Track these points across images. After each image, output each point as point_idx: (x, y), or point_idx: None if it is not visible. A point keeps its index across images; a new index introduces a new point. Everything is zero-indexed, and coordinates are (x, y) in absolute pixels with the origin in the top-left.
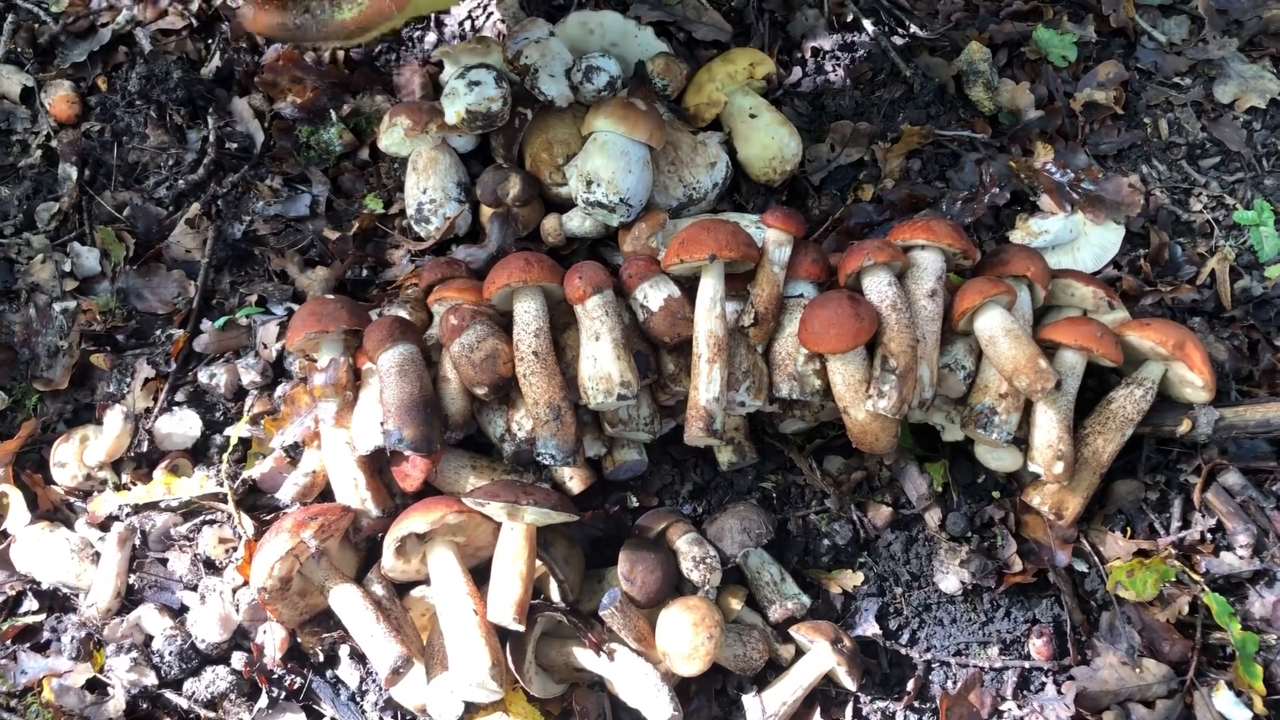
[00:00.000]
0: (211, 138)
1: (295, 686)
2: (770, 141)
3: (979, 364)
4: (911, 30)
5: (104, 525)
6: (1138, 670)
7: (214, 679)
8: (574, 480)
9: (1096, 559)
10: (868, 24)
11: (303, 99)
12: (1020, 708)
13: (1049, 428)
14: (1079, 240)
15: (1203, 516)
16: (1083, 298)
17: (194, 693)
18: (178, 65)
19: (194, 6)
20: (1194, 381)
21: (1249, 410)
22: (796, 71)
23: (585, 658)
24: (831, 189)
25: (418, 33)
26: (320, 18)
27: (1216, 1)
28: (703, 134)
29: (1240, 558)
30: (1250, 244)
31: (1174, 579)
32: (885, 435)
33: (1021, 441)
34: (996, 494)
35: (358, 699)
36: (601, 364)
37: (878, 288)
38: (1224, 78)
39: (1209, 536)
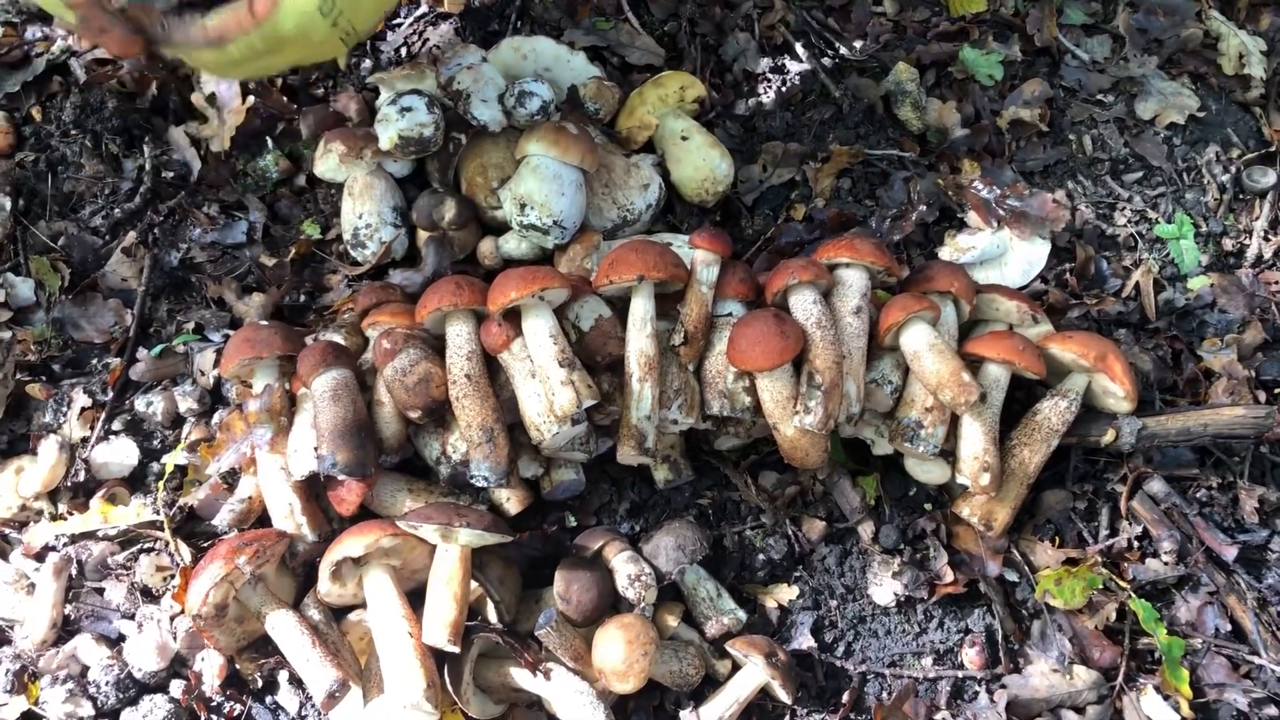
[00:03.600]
0: (148, 166)
1: (235, 713)
2: (702, 163)
3: (905, 379)
4: (841, 52)
5: (40, 556)
6: (1069, 677)
7: (152, 708)
8: (511, 501)
9: (1027, 568)
10: (798, 47)
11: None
12: (954, 717)
13: (975, 440)
14: (1006, 255)
15: (1129, 524)
16: (1007, 312)
17: None
18: (113, 95)
19: None
20: (1116, 392)
21: (1170, 419)
22: (728, 94)
23: (522, 678)
24: (764, 209)
25: (355, 59)
26: (176, 26)
27: (1136, 21)
28: (636, 156)
29: (1165, 564)
30: (1172, 257)
31: (1102, 586)
32: (814, 450)
33: (949, 454)
34: (928, 506)
35: None
36: (550, 394)
37: (803, 306)
38: (1145, 94)
39: (1135, 544)
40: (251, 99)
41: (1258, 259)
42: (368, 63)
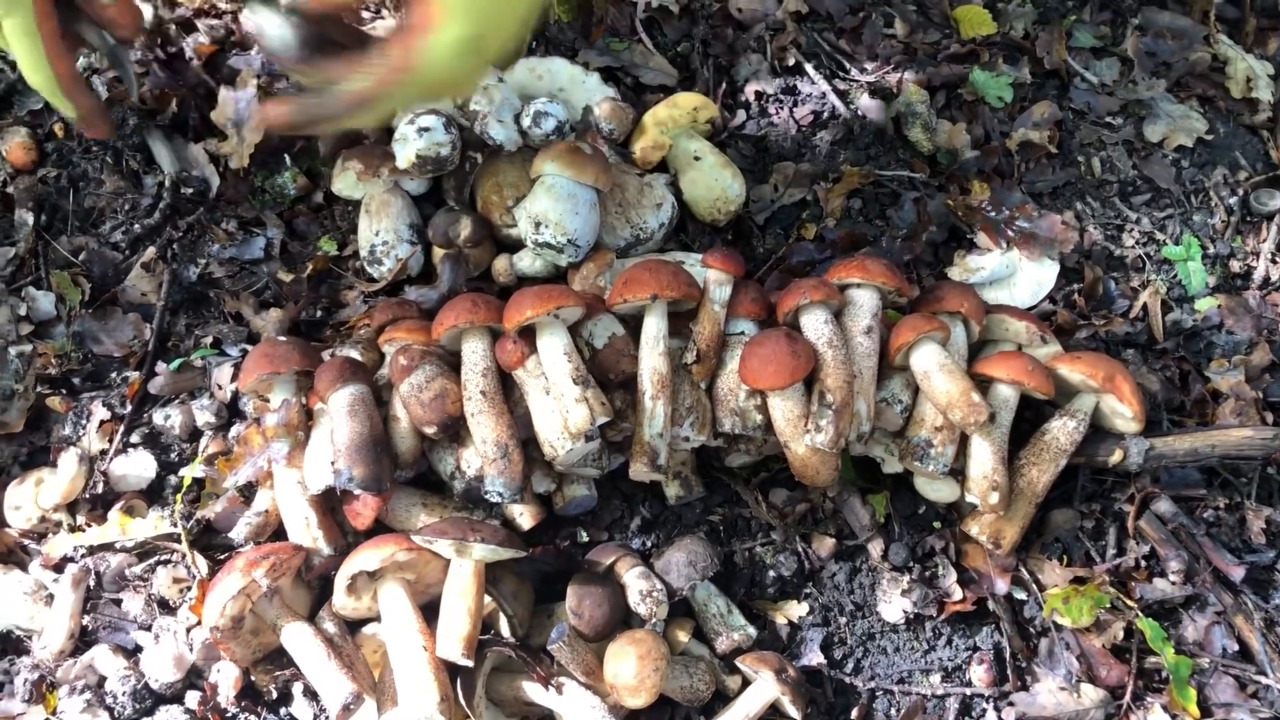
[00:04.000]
0: (167, 183)
1: None
2: (715, 183)
3: (915, 398)
4: (851, 73)
5: (59, 567)
6: (1076, 695)
7: (168, 719)
8: (524, 516)
9: (1035, 587)
10: (810, 68)
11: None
12: None
13: (984, 459)
14: (1015, 276)
15: (1137, 544)
16: (1016, 332)
17: None
18: (133, 112)
19: (150, 56)
20: (1124, 413)
21: (1178, 440)
22: (740, 114)
23: (534, 692)
24: (775, 228)
25: None
26: (331, 93)
27: (1145, 44)
28: (649, 176)
29: (1173, 584)
30: (1179, 278)
31: (1109, 605)
32: (825, 468)
33: (959, 473)
34: (937, 524)
35: None
36: (564, 411)
37: (814, 325)
38: (1153, 117)
39: (1143, 563)
40: None
41: (1265, 281)
42: None
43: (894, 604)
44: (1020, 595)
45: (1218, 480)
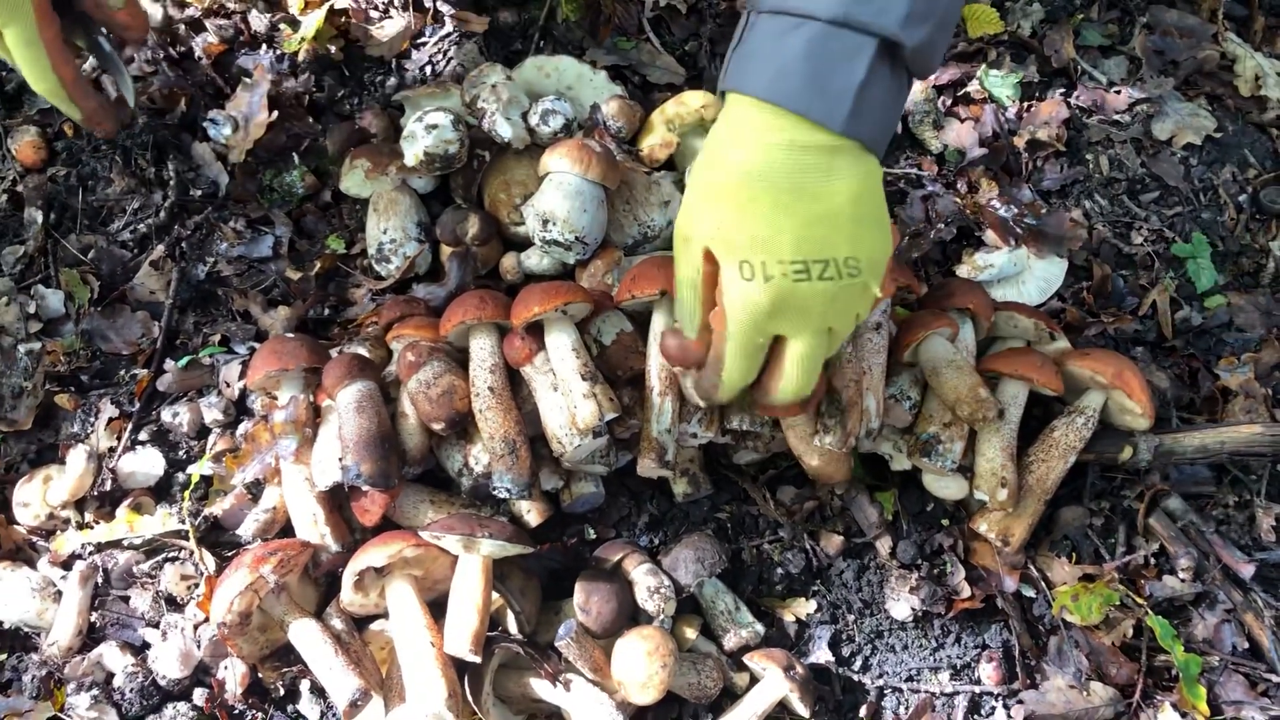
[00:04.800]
0: (173, 181)
1: None
2: None
3: (924, 395)
4: None
5: (66, 564)
6: (1085, 693)
7: (175, 715)
8: (531, 513)
9: (1044, 584)
10: None
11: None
12: None
13: (992, 456)
14: (1024, 274)
15: (1146, 541)
16: (1025, 329)
17: None
18: (142, 111)
19: (160, 55)
20: (1133, 409)
21: (1187, 436)
22: None
23: (542, 688)
24: None
25: (380, 77)
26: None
27: (1153, 42)
28: (657, 174)
29: (1182, 581)
30: (1188, 276)
31: (1118, 603)
32: (839, 470)
33: (967, 470)
34: (945, 521)
35: None
36: (572, 407)
37: None
38: (1162, 115)
39: (1152, 561)
40: (276, 114)
41: (1275, 278)
42: (393, 81)
43: (902, 601)
44: (1029, 593)
45: (1228, 477)
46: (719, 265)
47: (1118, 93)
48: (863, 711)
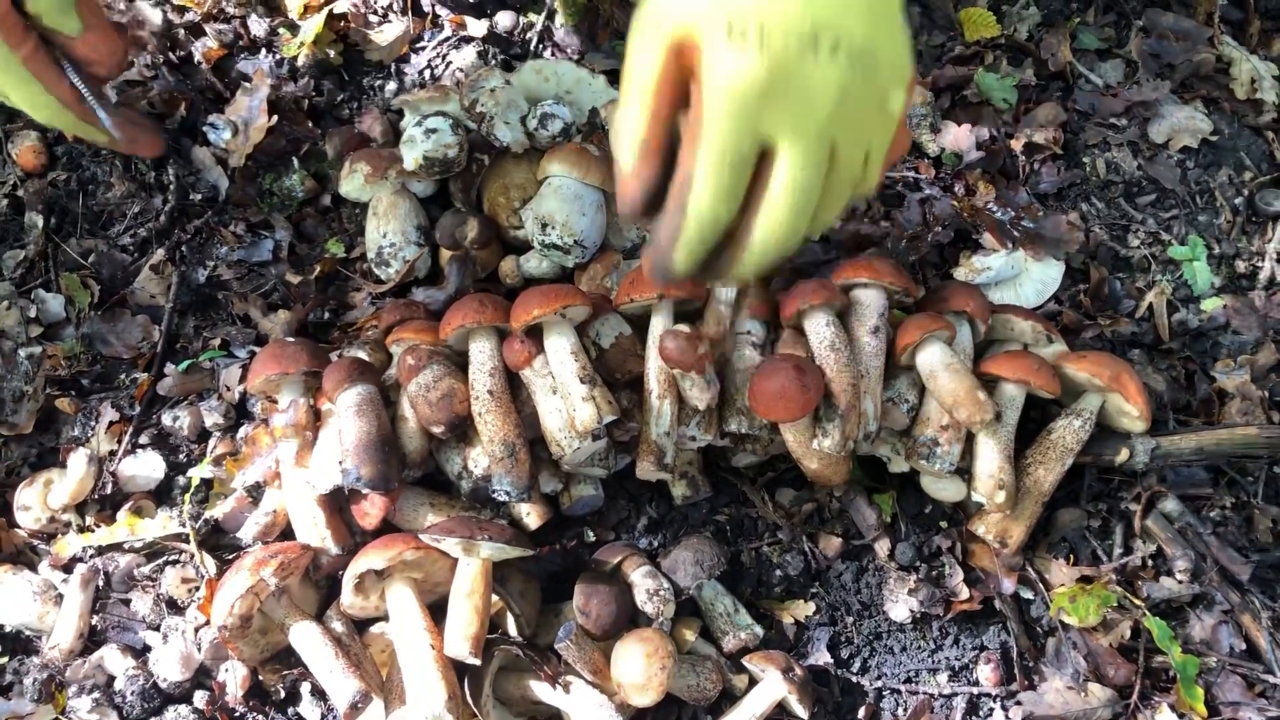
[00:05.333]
0: (173, 185)
1: None
2: None
3: (922, 398)
4: None
5: (68, 567)
6: (1083, 695)
7: (176, 718)
8: (531, 516)
9: (1042, 586)
10: None
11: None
12: None
13: (990, 458)
14: (1021, 276)
15: (1143, 543)
16: (1022, 332)
17: None
18: (143, 115)
19: (160, 60)
20: (1130, 411)
21: (1184, 438)
22: None
23: (541, 691)
24: None
25: (379, 81)
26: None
27: (1149, 46)
28: None
29: (1180, 582)
30: (1185, 278)
31: (1116, 604)
32: (837, 474)
33: (965, 472)
34: (944, 524)
35: None
36: (571, 410)
37: (816, 329)
38: (1158, 118)
39: (1149, 562)
40: (275, 118)
41: (1271, 281)
42: (392, 85)
43: (901, 603)
44: (1027, 594)
45: (1224, 479)
46: (695, 51)
47: (1114, 96)
48: (861, 713)
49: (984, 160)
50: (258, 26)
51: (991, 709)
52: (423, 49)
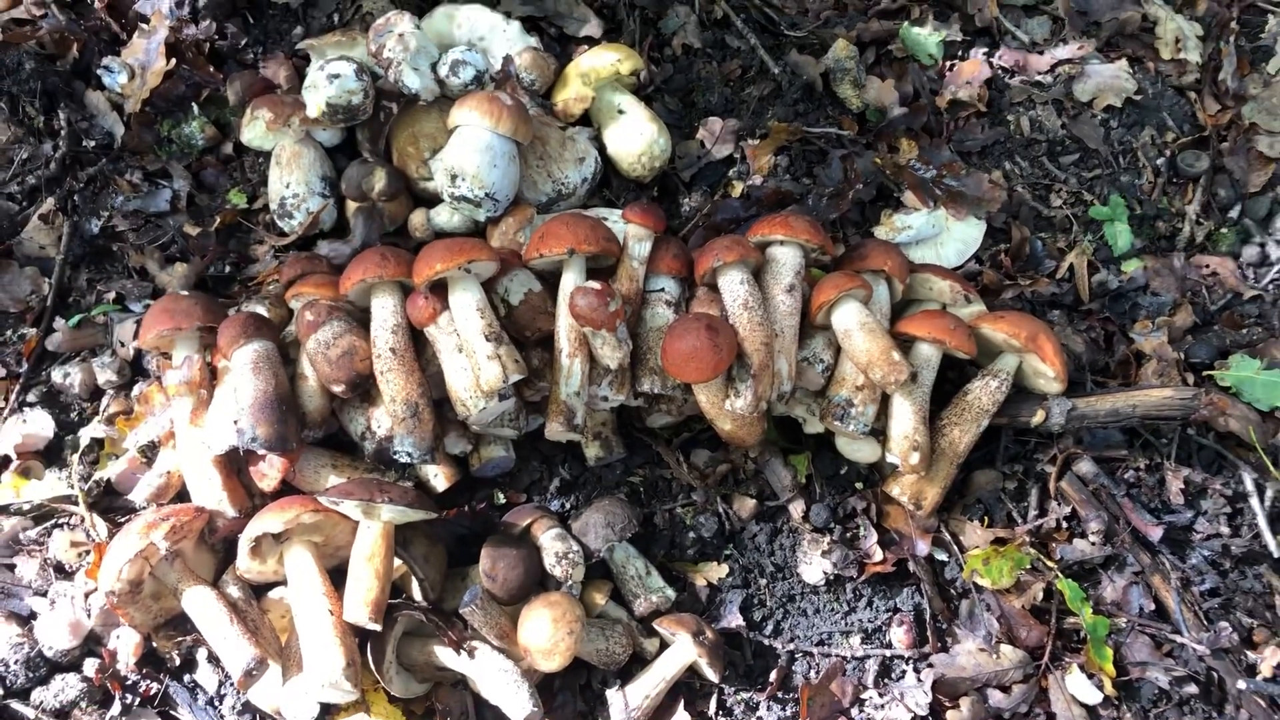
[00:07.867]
0: (65, 131)
1: (151, 692)
2: (639, 138)
3: (837, 357)
4: (781, 28)
5: None
6: (995, 656)
7: (63, 687)
8: (439, 477)
9: (956, 548)
10: (738, 21)
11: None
12: (881, 696)
13: (905, 419)
14: (942, 235)
15: (1058, 505)
16: (940, 291)
17: (42, 702)
18: (31, 56)
19: None
20: (1046, 373)
21: (1100, 400)
22: (667, 68)
23: (446, 656)
24: (702, 185)
25: (285, 25)
26: None
27: (1076, 3)
28: (572, 129)
29: (1092, 544)
30: (1106, 239)
31: (1029, 566)
32: (751, 434)
33: (880, 433)
34: (859, 485)
35: (216, 703)
36: (476, 369)
37: (730, 286)
38: (1083, 77)
39: (1064, 524)
40: (174, 62)
41: (1190, 242)
42: (299, 29)
43: (814, 565)
44: (941, 556)
45: (1139, 441)
46: None
47: (1040, 53)
48: (772, 676)
49: (907, 117)
50: None
51: (904, 671)
52: None
